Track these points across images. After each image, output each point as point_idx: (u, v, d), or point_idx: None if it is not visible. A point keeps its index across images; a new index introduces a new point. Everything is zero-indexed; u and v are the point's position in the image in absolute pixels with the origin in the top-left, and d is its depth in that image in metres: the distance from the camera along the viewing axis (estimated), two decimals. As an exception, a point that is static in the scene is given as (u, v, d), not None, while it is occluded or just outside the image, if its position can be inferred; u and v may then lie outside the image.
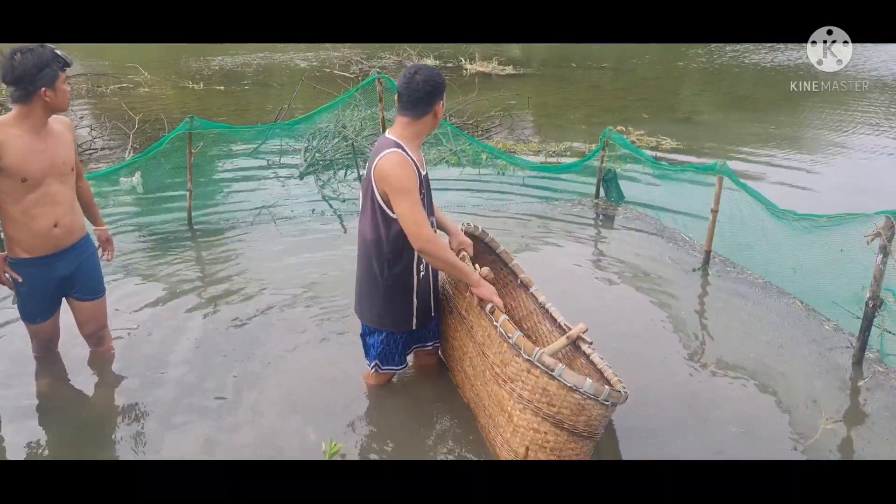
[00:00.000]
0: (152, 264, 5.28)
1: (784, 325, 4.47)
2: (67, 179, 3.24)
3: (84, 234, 3.43)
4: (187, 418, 3.43)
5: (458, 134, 7.90)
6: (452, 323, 3.45)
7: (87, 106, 11.59)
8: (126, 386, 3.69)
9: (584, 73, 15.86)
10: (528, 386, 2.79)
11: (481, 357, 3.16)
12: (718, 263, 5.37)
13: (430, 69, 3.06)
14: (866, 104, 12.01)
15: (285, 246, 5.68)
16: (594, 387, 2.65)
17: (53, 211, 3.20)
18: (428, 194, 3.19)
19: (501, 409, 2.95)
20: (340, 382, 3.68)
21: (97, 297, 3.56)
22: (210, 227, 6.11)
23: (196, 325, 4.32)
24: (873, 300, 3.87)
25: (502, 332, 2.92)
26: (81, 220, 3.41)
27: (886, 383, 3.83)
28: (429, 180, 3.23)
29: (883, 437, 3.43)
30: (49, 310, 3.47)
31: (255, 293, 4.76)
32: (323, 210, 6.54)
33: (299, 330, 4.25)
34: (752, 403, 3.65)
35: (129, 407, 3.53)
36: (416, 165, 3.04)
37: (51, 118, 3.17)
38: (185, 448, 3.21)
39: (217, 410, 3.49)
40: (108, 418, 3.46)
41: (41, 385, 3.65)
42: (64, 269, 3.36)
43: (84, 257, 3.44)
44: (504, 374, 2.93)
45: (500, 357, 2.97)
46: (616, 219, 6.49)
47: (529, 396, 2.78)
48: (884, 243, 3.77)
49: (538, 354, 2.74)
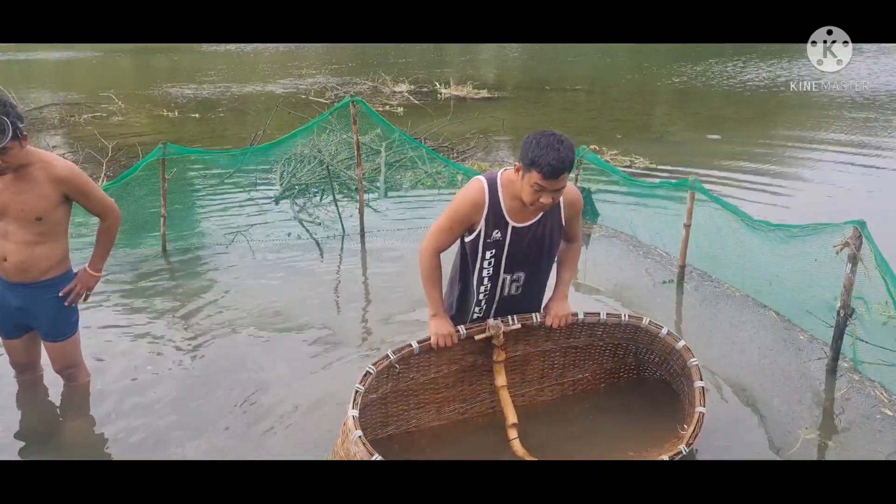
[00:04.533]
0: (127, 291, 5.22)
1: (760, 336, 4.51)
2: (28, 225, 3.15)
3: (45, 279, 3.29)
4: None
5: (434, 156, 7.94)
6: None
7: (60, 135, 11.50)
8: (94, 420, 3.64)
9: (559, 96, 16.05)
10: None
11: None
12: (696, 277, 5.42)
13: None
14: (837, 121, 12.26)
15: (262, 271, 5.65)
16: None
17: (4, 245, 3.20)
18: (516, 251, 3.05)
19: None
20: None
21: (56, 340, 3.48)
22: (185, 254, 6.06)
23: (174, 356, 4.28)
24: (844, 309, 3.92)
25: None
26: (46, 264, 3.27)
27: (862, 390, 3.87)
28: (529, 237, 3.04)
29: (861, 444, 3.46)
30: (9, 331, 3.48)
31: (233, 319, 4.72)
32: (299, 234, 6.52)
33: (287, 356, 4.23)
34: (731, 414, 3.67)
35: (95, 442, 3.49)
36: (499, 208, 2.97)
37: (41, 165, 3.12)
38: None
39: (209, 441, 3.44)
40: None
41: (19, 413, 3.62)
42: (14, 300, 3.33)
43: (42, 301, 3.33)
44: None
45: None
46: (592, 237, 6.53)
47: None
48: (852, 253, 3.83)
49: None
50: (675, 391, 3.45)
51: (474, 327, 3.18)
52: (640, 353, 3.58)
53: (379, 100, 14.16)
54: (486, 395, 3.45)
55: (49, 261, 3.28)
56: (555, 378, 3.60)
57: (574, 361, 3.60)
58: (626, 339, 3.53)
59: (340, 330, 4.60)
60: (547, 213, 2.99)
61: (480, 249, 3.05)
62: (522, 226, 3.01)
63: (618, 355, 3.62)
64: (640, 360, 3.61)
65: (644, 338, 3.46)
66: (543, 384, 3.59)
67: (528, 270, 3.13)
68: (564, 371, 3.61)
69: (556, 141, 2.77)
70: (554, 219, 3.05)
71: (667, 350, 3.38)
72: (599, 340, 3.56)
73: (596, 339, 3.54)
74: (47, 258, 3.27)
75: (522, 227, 3.01)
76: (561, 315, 3.23)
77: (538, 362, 3.54)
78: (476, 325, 3.18)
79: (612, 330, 3.47)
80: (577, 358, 3.60)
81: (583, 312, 3.36)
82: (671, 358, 3.38)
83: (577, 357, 3.60)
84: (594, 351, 3.61)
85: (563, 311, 3.23)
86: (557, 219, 3.06)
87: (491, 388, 3.36)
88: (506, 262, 3.08)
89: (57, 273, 3.33)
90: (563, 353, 3.56)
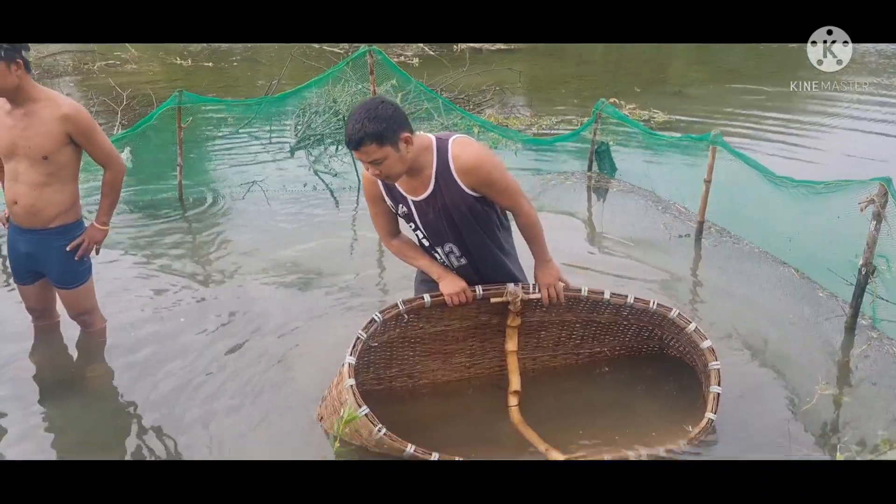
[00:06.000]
0: (144, 239, 5.24)
1: (779, 293, 4.49)
2: (36, 164, 3.17)
3: (54, 226, 3.31)
4: (172, 405, 3.35)
5: (450, 108, 7.84)
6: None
7: (73, 83, 11.44)
8: (111, 366, 3.67)
9: (575, 48, 15.76)
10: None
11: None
12: (714, 233, 5.38)
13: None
14: (858, 80, 11.99)
15: (278, 221, 5.66)
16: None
17: (13, 188, 3.25)
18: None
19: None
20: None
21: (67, 287, 3.51)
22: (202, 203, 6.07)
23: (191, 304, 4.31)
24: (866, 267, 3.89)
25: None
26: (54, 210, 3.29)
27: (880, 348, 3.86)
28: (432, 210, 2.86)
29: (876, 400, 3.46)
30: (21, 276, 3.53)
31: (249, 268, 4.74)
32: (315, 185, 6.51)
33: (303, 304, 4.24)
34: (746, 368, 3.67)
35: (113, 388, 3.53)
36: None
37: (47, 103, 3.13)
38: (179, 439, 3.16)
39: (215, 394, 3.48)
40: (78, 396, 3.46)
41: (32, 357, 3.67)
42: (23, 246, 3.37)
43: (51, 248, 3.36)
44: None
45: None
46: (609, 191, 6.48)
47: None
48: (877, 210, 3.78)
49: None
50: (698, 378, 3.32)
51: (492, 289, 3.09)
52: (665, 340, 3.45)
53: (394, 50, 13.95)
54: (496, 353, 3.38)
55: (57, 206, 3.29)
56: (571, 348, 3.51)
57: (594, 335, 3.49)
58: (651, 325, 3.42)
59: (356, 280, 4.61)
60: (440, 184, 2.77)
61: (405, 224, 2.98)
62: (419, 199, 2.82)
63: (641, 336, 3.50)
64: (664, 344, 3.48)
65: (670, 328, 3.35)
66: (557, 352, 3.50)
67: (456, 243, 2.93)
68: (582, 343, 3.50)
69: (361, 110, 2.61)
70: (452, 190, 2.78)
71: (691, 345, 3.26)
72: (624, 320, 3.44)
73: (621, 318, 3.43)
74: (56, 203, 3.28)
75: (419, 199, 2.82)
76: (548, 283, 3.06)
77: (555, 330, 3.45)
78: (494, 288, 3.10)
79: (638, 313, 3.37)
80: (598, 332, 3.49)
81: (609, 292, 3.25)
82: (695, 353, 3.27)
83: (598, 332, 3.48)
84: (616, 329, 3.49)
85: (548, 278, 3.06)
86: (457, 189, 2.78)
87: (501, 347, 3.31)
88: (428, 236, 2.94)
89: (65, 221, 3.34)
90: (583, 326, 3.45)
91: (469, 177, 2.76)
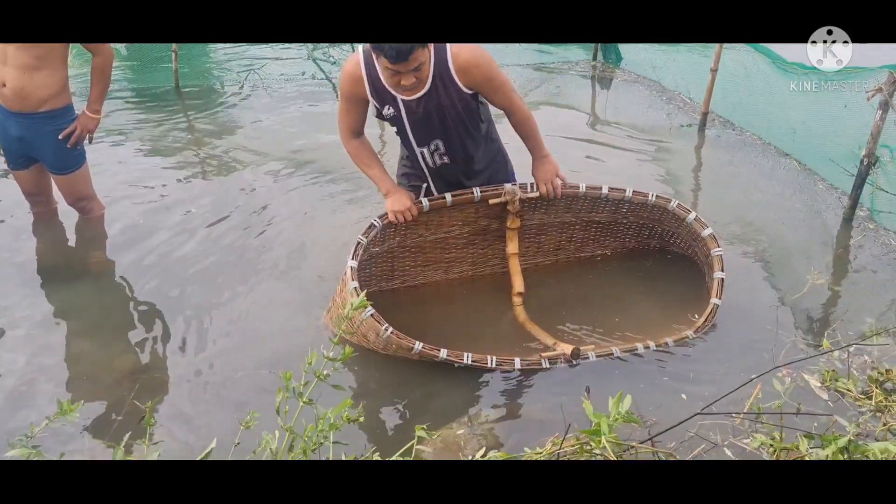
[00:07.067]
0: (140, 128, 5.20)
1: (778, 184, 4.48)
2: (25, 47, 3.12)
3: (44, 110, 3.28)
4: (165, 294, 3.37)
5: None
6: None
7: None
8: (110, 251, 3.71)
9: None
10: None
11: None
12: (718, 125, 5.31)
13: None
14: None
15: (278, 110, 5.58)
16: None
17: (2, 70, 3.20)
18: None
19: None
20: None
21: (61, 173, 3.51)
22: (198, 91, 5.97)
23: (188, 191, 4.32)
24: (868, 157, 3.86)
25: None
26: (44, 94, 3.25)
27: (876, 239, 3.89)
28: (424, 109, 2.79)
29: (868, 290, 3.50)
30: (16, 162, 3.53)
31: (248, 158, 4.73)
32: (314, 73, 6.37)
33: (303, 196, 4.24)
34: (740, 254, 3.71)
35: (112, 272, 3.56)
36: (379, 81, 2.73)
37: None
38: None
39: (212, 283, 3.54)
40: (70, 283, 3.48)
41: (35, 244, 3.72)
42: (14, 130, 3.36)
43: (42, 133, 3.34)
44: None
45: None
46: (614, 81, 6.36)
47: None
48: (885, 98, 3.72)
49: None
50: (700, 270, 3.35)
51: (490, 190, 3.08)
52: (666, 236, 3.45)
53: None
54: (497, 260, 3.39)
55: (47, 89, 3.26)
56: (572, 251, 3.51)
57: (595, 237, 3.49)
58: (651, 220, 3.40)
59: (357, 172, 4.57)
60: (437, 83, 2.70)
61: (388, 125, 2.93)
62: (412, 99, 2.74)
63: (642, 236, 3.49)
64: (665, 242, 3.48)
65: (670, 221, 3.33)
66: (559, 256, 3.51)
67: (443, 139, 2.89)
68: (583, 245, 3.51)
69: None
70: (450, 88, 2.73)
71: (693, 236, 3.26)
72: (623, 218, 3.42)
73: (620, 216, 3.40)
74: (45, 86, 3.25)
75: (412, 100, 2.75)
76: (546, 179, 3.04)
77: (556, 233, 3.44)
78: (492, 189, 3.08)
79: (637, 209, 3.35)
80: (598, 234, 3.48)
81: (607, 187, 3.23)
82: (696, 244, 3.27)
83: (599, 233, 3.48)
84: (617, 228, 3.47)
85: (546, 174, 3.03)
86: (455, 88, 2.73)
87: (502, 253, 3.30)
88: (414, 136, 2.89)
89: (55, 105, 3.32)
90: (583, 228, 3.44)
91: (467, 75, 2.72)
